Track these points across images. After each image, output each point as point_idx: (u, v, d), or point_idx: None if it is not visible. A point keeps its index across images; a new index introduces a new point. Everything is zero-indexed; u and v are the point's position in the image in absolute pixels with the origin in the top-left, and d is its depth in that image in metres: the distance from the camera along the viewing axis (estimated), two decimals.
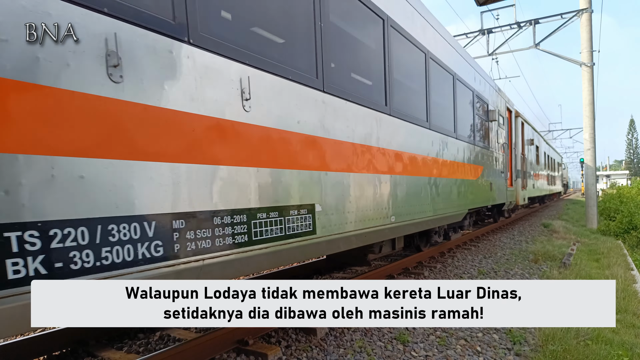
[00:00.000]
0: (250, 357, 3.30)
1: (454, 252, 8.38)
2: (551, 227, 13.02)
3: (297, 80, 3.29)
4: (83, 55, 1.91)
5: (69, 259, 1.85)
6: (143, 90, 2.15)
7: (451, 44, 6.98)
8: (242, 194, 2.74)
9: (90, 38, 1.94)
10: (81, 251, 1.89)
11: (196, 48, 2.45)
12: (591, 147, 14.25)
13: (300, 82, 3.32)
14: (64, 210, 1.84)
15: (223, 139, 2.61)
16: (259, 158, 2.89)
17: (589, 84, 14.04)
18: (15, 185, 1.70)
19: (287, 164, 3.15)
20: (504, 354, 3.49)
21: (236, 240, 2.68)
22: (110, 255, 1.99)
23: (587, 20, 13.81)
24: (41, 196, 1.77)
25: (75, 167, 1.88)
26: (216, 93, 2.58)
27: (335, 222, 3.70)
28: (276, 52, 3.20)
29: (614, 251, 8.67)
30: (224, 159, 2.61)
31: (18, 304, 1.69)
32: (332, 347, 3.58)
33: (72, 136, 1.87)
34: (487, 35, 16.03)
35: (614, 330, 4.02)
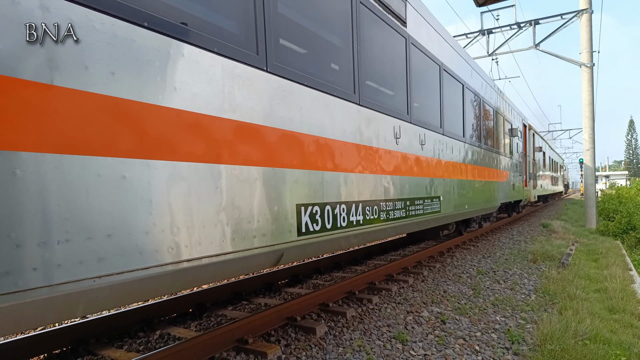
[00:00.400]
0: (250, 355, 3.31)
1: (453, 252, 8.40)
2: (550, 227, 13.04)
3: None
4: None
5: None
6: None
7: (494, 88, 10.46)
8: (415, 190, 5.44)
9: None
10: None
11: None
12: (590, 147, 14.27)
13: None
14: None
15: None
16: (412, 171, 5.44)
17: (588, 85, 14.06)
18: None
19: (430, 174, 5.95)
20: (502, 353, 3.50)
21: (409, 213, 5.27)
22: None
23: (587, 20, 13.83)
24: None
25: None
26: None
27: (446, 206, 6.54)
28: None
29: (613, 251, 8.69)
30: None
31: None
32: (332, 345, 3.59)
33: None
34: (487, 36, 16.04)
35: (613, 330, 4.04)
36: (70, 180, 1.81)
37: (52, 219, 1.75)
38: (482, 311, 4.59)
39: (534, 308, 4.73)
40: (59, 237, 1.76)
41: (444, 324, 4.16)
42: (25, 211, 1.68)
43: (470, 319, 4.31)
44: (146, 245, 2.10)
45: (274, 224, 2.98)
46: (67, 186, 1.80)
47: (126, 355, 3.28)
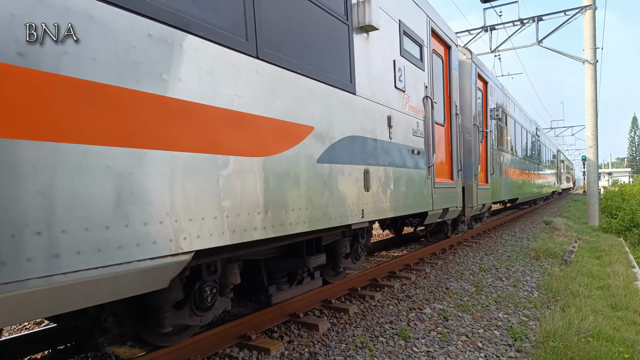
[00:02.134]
0: (253, 352, 3.32)
1: (455, 249, 8.40)
2: (552, 225, 13.02)
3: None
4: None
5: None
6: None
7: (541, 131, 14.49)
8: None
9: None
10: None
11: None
12: (593, 144, 14.21)
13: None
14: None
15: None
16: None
17: (591, 81, 13.99)
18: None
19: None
20: (505, 350, 3.50)
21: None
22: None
23: (591, 17, 13.75)
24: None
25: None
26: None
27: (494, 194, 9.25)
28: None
29: (616, 249, 8.67)
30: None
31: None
32: (334, 342, 3.60)
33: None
34: (490, 32, 15.97)
35: (616, 328, 4.04)
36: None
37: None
38: (485, 308, 4.59)
39: (537, 305, 4.73)
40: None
41: (447, 321, 4.16)
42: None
43: (473, 316, 4.32)
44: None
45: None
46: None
47: (130, 351, 3.29)
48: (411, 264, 6.56)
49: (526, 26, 15.41)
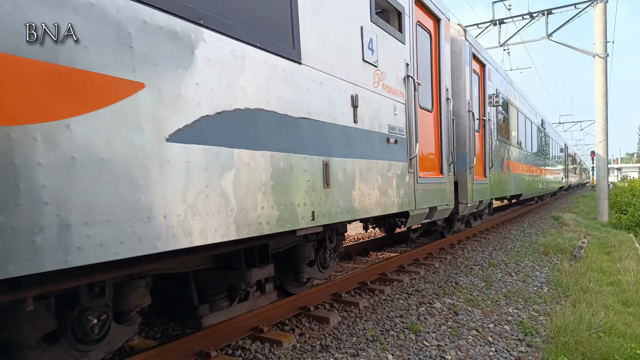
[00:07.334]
0: (265, 344, 3.36)
1: (464, 244, 8.38)
2: (561, 220, 12.95)
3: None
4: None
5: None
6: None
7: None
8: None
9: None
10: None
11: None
12: (603, 139, 14.08)
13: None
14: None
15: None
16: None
17: (602, 76, 13.84)
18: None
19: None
20: (515, 345, 3.51)
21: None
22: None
23: (602, 10, 13.57)
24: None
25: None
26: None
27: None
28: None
29: (626, 244, 8.61)
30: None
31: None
32: (345, 335, 3.63)
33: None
34: (498, 26, 15.83)
35: (627, 323, 4.03)
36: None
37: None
38: (495, 303, 4.59)
39: (547, 300, 4.73)
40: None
41: (457, 315, 4.18)
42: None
43: (483, 311, 4.32)
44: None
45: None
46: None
47: (144, 342, 3.35)
48: (420, 259, 6.57)
49: (536, 20, 15.26)
